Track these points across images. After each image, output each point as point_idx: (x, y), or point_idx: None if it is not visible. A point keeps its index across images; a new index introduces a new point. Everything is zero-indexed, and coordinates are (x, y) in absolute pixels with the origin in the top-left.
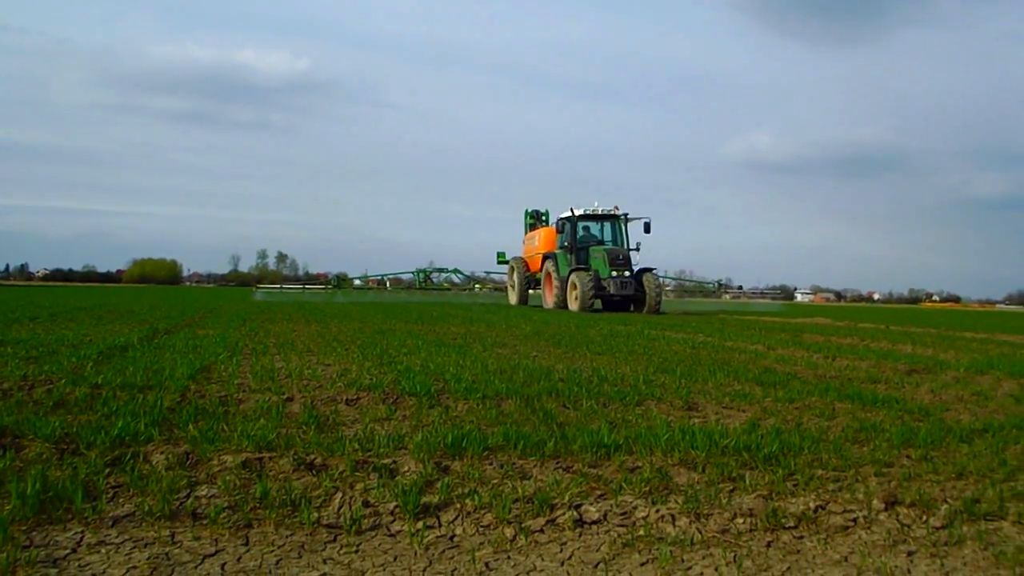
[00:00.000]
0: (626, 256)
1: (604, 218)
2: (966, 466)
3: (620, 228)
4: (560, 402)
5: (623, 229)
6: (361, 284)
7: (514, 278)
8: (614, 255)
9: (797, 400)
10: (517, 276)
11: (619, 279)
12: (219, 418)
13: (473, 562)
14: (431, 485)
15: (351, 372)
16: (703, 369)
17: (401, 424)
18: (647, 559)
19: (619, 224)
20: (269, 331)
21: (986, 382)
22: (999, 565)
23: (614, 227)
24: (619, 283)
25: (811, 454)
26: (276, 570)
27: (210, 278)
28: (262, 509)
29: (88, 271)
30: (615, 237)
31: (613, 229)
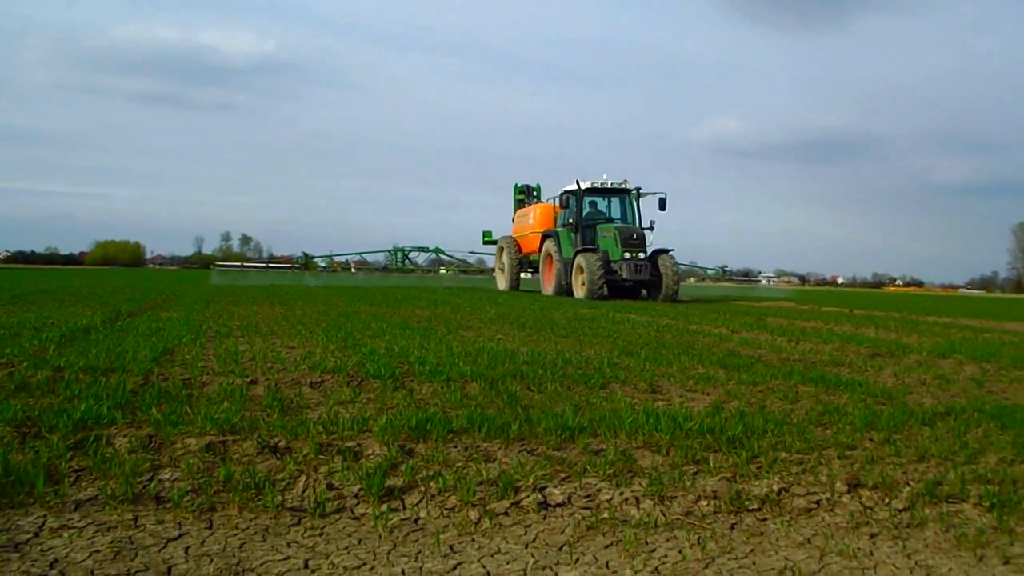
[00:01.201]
0: (640, 235)
1: (613, 192)
2: (928, 449)
3: (631, 204)
4: (525, 385)
5: (634, 205)
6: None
7: (503, 260)
8: (627, 234)
9: (761, 383)
10: (507, 258)
11: (633, 262)
12: (182, 401)
13: (438, 545)
14: (395, 468)
15: (315, 355)
16: (667, 352)
17: (365, 407)
18: (611, 541)
19: (630, 199)
20: (233, 314)
21: (948, 366)
22: (960, 547)
23: (624, 203)
24: (633, 266)
25: (775, 437)
26: (240, 553)
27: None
28: (226, 492)
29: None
30: (624, 214)
31: (623, 205)
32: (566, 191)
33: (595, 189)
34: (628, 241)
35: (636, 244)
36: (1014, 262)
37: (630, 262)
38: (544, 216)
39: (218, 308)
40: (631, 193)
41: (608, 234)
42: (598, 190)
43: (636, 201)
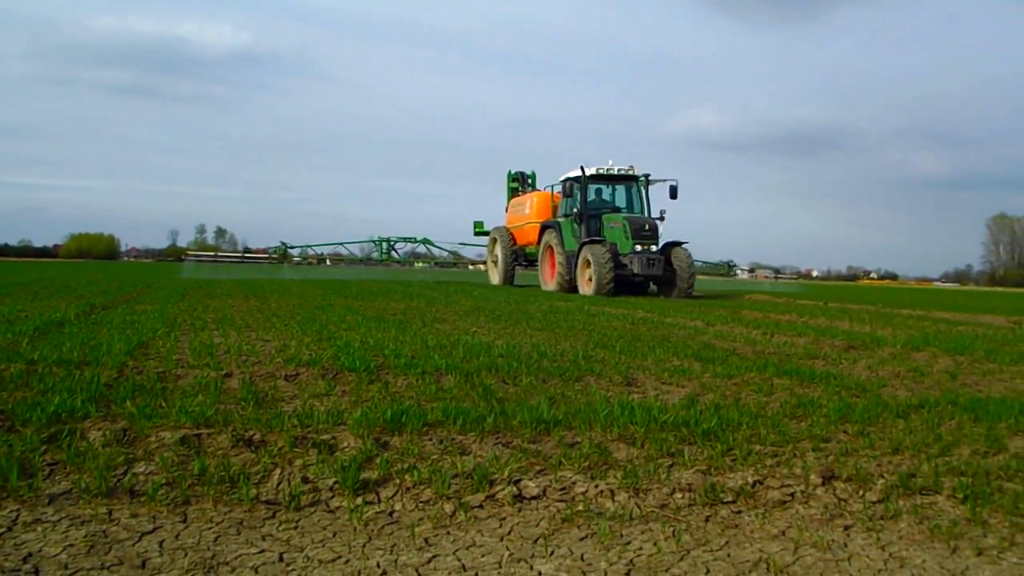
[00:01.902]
0: (652, 226)
1: (620, 179)
2: (902, 441)
3: (639, 192)
4: (500, 378)
5: (643, 194)
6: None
7: (496, 252)
8: (638, 224)
9: (736, 376)
10: (501, 250)
11: (644, 255)
12: (157, 394)
13: (413, 538)
14: (370, 461)
15: (290, 348)
16: (642, 345)
17: (340, 400)
18: (586, 534)
19: (638, 187)
20: (208, 307)
21: (922, 358)
22: (934, 538)
23: (630, 191)
24: (645, 260)
25: (749, 429)
26: (215, 547)
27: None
28: (200, 486)
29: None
30: (631, 203)
31: (629, 193)
32: (569, 178)
33: (600, 176)
34: (639, 232)
35: (648, 235)
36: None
37: (641, 255)
38: (542, 205)
39: (193, 301)
40: (639, 180)
41: (616, 224)
42: (603, 177)
43: (645, 189)
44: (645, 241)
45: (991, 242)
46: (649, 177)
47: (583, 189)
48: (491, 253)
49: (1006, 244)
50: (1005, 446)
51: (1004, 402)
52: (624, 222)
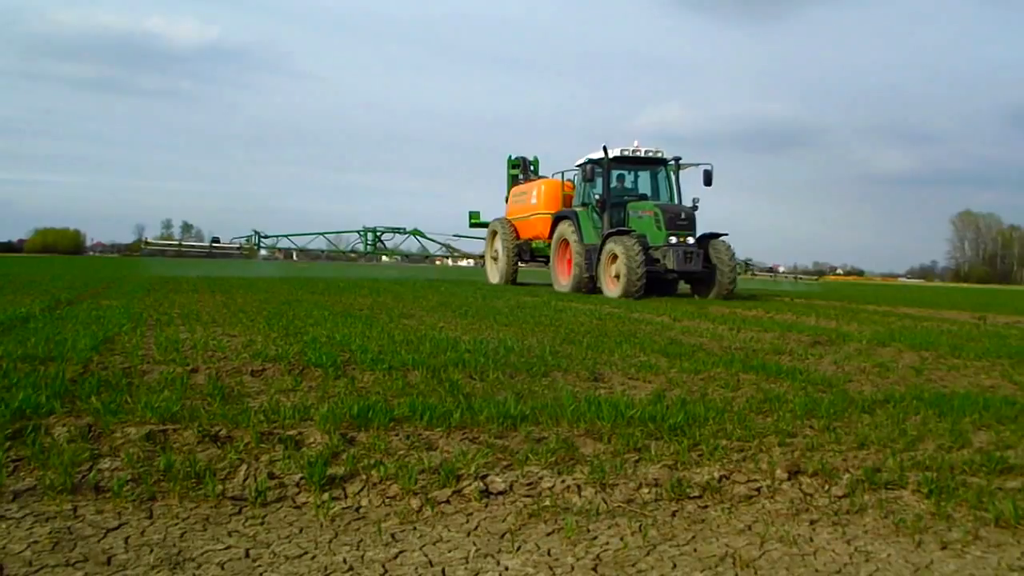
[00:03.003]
0: (690, 215)
1: (646, 163)
2: (867, 436)
3: (668, 178)
4: (466, 373)
5: (671, 179)
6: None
7: (496, 247)
8: (673, 213)
9: (702, 371)
10: (502, 245)
11: (681, 248)
12: (122, 390)
13: (379, 533)
14: (337, 456)
15: (256, 343)
16: (609, 340)
17: (307, 395)
18: (553, 529)
19: (667, 172)
20: (174, 302)
21: (888, 354)
22: (899, 533)
23: (656, 176)
24: (682, 255)
25: (716, 425)
26: (180, 543)
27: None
28: (166, 482)
29: None
30: (657, 190)
31: (656, 179)
32: (590, 160)
33: (625, 159)
34: (675, 222)
35: (685, 226)
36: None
37: (678, 249)
38: (551, 194)
39: (159, 296)
40: (668, 164)
41: (645, 213)
42: (628, 160)
43: (675, 174)
44: (681, 232)
45: (956, 238)
46: (680, 161)
47: (606, 173)
48: (490, 248)
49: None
50: (969, 441)
51: (968, 397)
52: (656, 210)
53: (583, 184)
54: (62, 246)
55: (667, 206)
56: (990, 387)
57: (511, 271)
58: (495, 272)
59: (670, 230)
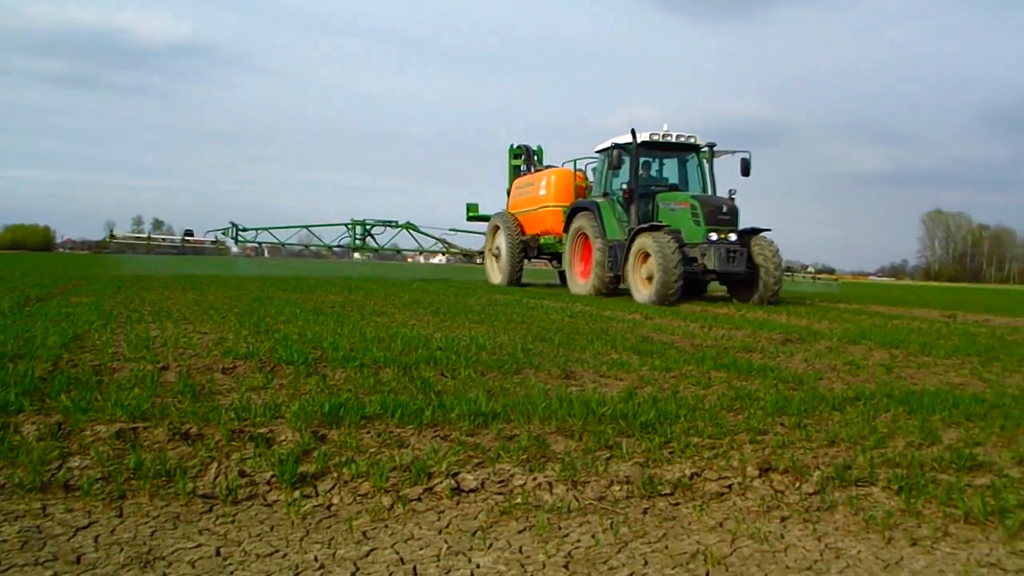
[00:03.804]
0: (732, 209)
1: (677, 149)
2: (838, 433)
3: (700, 167)
4: (438, 370)
5: (704, 169)
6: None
7: (497, 243)
8: (713, 206)
9: (674, 369)
10: (506, 241)
11: (723, 246)
12: (92, 387)
13: (351, 531)
14: (308, 454)
15: (227, 340)
16: (581, 338)
17: (278, 393)
18: (524, 527)
19: (699, 160)
20: (144, 299)
21: (858, 352)
22: (869, 529)
23: (686, 165)
24: (724, 253)
25: (687, 422)
26: (151, 541)
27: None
28: (136, 480)
29: None
30: (687, 180)
31: (685, 168)
32: (617, 145)
33: (653, 144)
34: (715, 216)
35: (727, 220)
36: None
37: (719, 247)
38: (563, 184)
39: (129, 293)
40: (701, 152)
41: (679, 206)
42: (656, 146)
43: (708, 163)
44: (722, 228)
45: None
46: (715, 148)
47: (634, 159)
48: (490, 244)
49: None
50: (939, 438)
51: (938, 395)
52: (694, 203)
53: (605, 172)
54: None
55: (706, 198)
56: (960, 385)
57: (515, 270)
58: (496, 271)
59: (710, 225)
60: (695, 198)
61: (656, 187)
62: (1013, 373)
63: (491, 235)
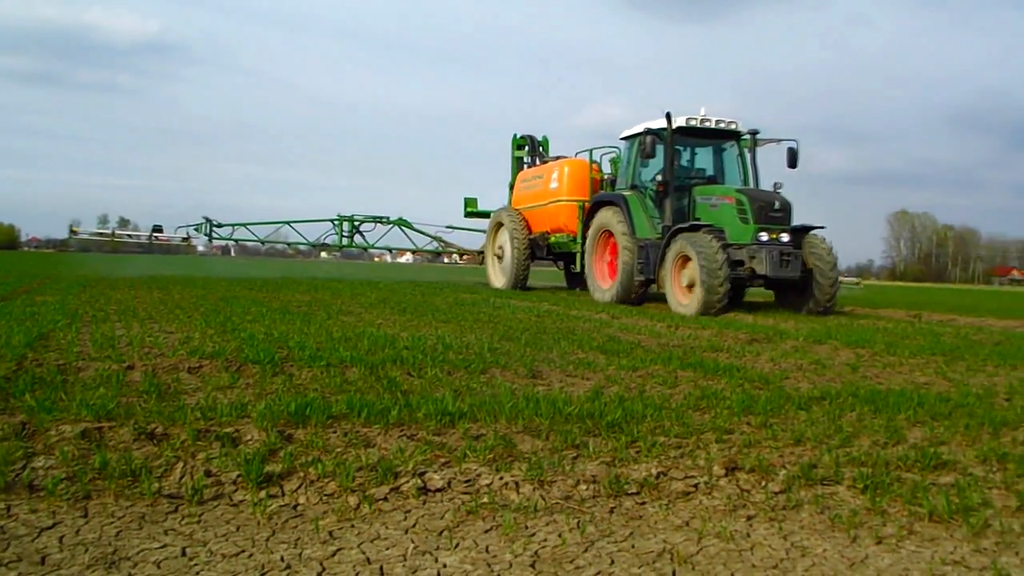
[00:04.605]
0: (785, 205)
1: (716, 137)
2: (804, 433)
3: (742, 156)
4: (405, 370)
5: (746, 159)
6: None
7: (500, 242)
8: (763, 202)
9: (640, 368)
10: (510, 239)
11: (776, 248)
12: (57, 387)
13: (317, 531)
14: (274, 454)
15: (193, 339)
16: (548, 338)
17: (244, 392)
18: (491, 526)
19: (740, 149)
20: (110, 298)
21: (824, 351)
22: (835, 528)
23: (722, 154)
24: (778, 256)
25: (653, 421)
26: (116, 542)
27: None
28: (101, 480)
29: None
30: (724, 171)
31: (720, 158)
32: (651, 130)
33: (691, 130)
34: (766, 213)
35: (779, 218)
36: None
37: (772, 249)
38: (578, 177)
39: (95, 292)
40: (743, 140)
41: (723, 201)
42: (694, 132)
43: (751, 152)
44: (774, 227)
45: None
46: (757, 135)
47: (669, 147)
48: (491, 244)
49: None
50: (904, 437)
51: (903, 394)
52: (741, 197)
53: (633, 162)
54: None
55: (755, 192)
56: (924, 384)
57: (521, 272)
58: (499, 273)
59: (760, 223)
60: (742, 192)
61: (694, 179)
62: (977, 372)
63: (492, 233)
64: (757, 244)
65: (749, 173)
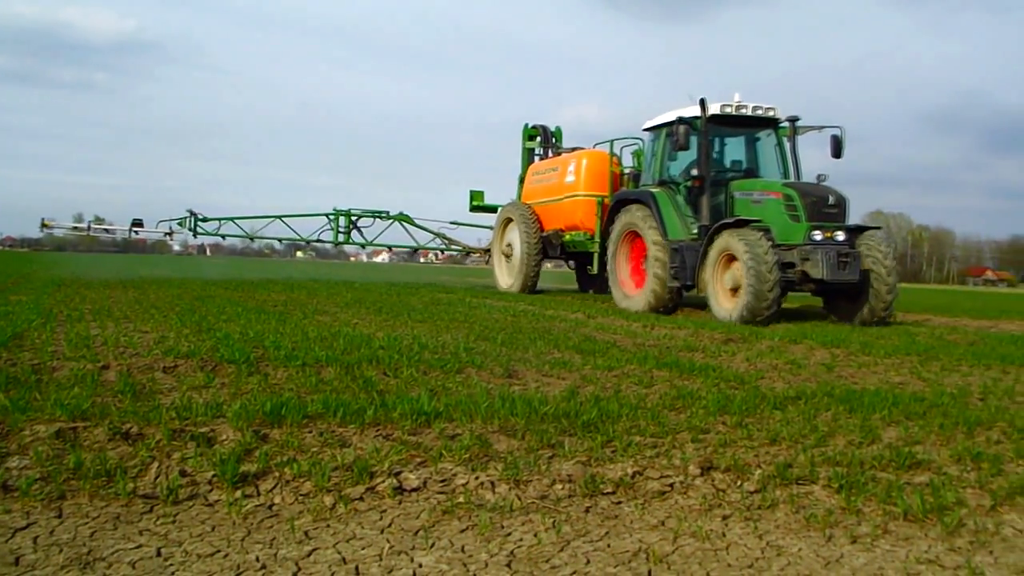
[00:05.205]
0: (840, 200)
1: (753, 125)
2: (779, 432)
3: (781, 147)
4: (380, 370)
5: (785, 148)
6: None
7: (509, 240)
8: (816, 196)
9: (616, 368)
10: (521, 237)
11: (832, 249)
12: (31, 387)
13: (292, 531)
14: (250, 454)
15: (169, 339)
16: (524, 337)
17: (219, 392)
18: (467, 526)
19: (779, 138)
20: (85, 297)
21: (799, 351)
22: (810, 527)
23: (756, 145)
24: (835, 258)
25: (629, 421)
26: (91, 542)
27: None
28: (76, 480)
29: None
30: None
31: (755, 149)
32: (683, 118)
33: (726, 118)
34: (819, 208)
35: (833, 214)
36: None
37: (829, 250)
38: (597, 170)
39: (69, 292)
40: (782, 126)
41: (767, 196)
42: (730, 120)
43: (791, 141)
44: (829, 224)
45: None
46: (798, 122)
47: (705, 137)
48: (499, 242)
49: None
50: (879, 436)
51: (878, 394)
52: (789, 192)
53: (661, 154)
54: None
55: (805, 186)
56: (899, 384)
57: (532, 273)
58: (507, 274)
59: (813, 221)
60: (790, 186)
61: (731, 173)
62: (952, 372)
63: (500, 230)
64: (810, 244)
65: (789, 165)
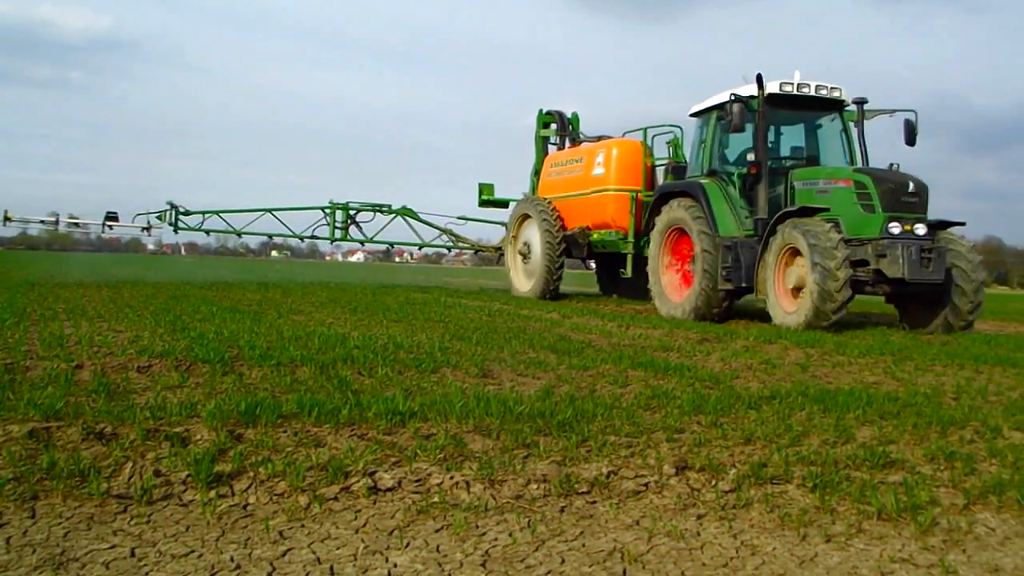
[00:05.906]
0: (921, 188)
1: (815, 107)
2: (754, 432)
3: (846, 132)
4: (355, 369)
5: (852, 134)
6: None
7: (526, 239)
8: (893, 183)
9: (591, 367)
10: (540, 236)
11: (914, 244)
12: (4, 387)
13: (267, 531)
14: (224, 453)
15: (143, 339)
16: (499, 337)
17: (194, 392)
18: (442, 525)
19: (844, 123)
20: (59, 296)
21: (774, 351)
22: (784, 526)
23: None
24: (916, 255)
25: (604, 420)
26: (64, 543)
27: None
28: (49, 480)
29: None
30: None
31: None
32: (737, 97)
33: (786, 98)
34: (897, 197)
35: (914, 204)
36: None
37: (910, 246)
38: (629, 161)
39: (43, 291)
40: (847, 109)
41: (834, 184)
42: (789, 101)
43: (858, 127)
44: (909, 215)
45: None
46: (865, 105)
47: (763, 119)
48: (512, 241)
49: None
50: (853, 436)
51: (852, 393)
52: (862, 179)
53: (711, 141)
54: None
55: (879, 172)
56: (873, 383)
57: (553, 276)
58: (523, 277)
59: (890, 211)
60: (862, 172)
61: (791, 161)
62: (926, 372)
63: (515, 227)
64: (887, 238)
65: (856, 152)
